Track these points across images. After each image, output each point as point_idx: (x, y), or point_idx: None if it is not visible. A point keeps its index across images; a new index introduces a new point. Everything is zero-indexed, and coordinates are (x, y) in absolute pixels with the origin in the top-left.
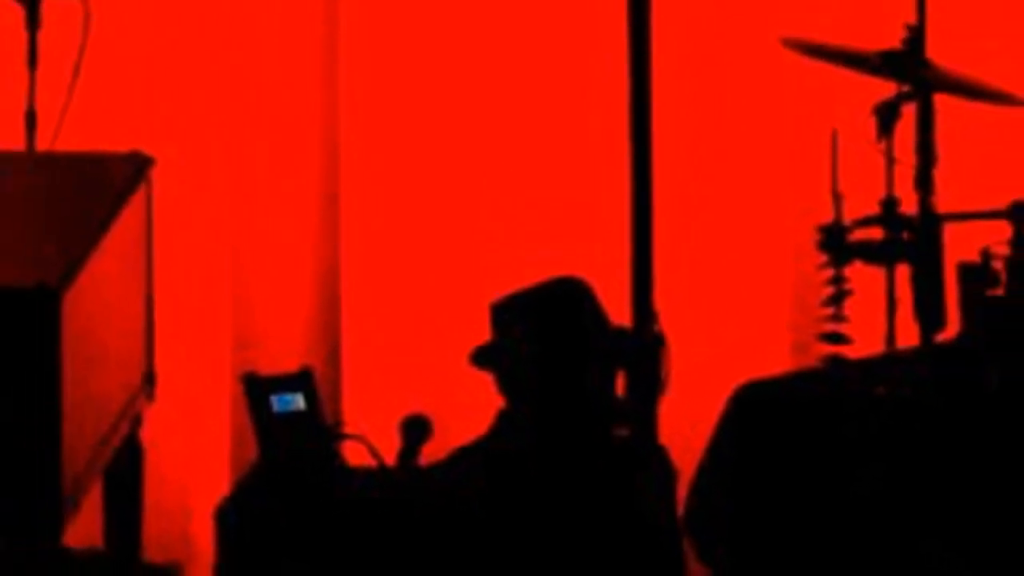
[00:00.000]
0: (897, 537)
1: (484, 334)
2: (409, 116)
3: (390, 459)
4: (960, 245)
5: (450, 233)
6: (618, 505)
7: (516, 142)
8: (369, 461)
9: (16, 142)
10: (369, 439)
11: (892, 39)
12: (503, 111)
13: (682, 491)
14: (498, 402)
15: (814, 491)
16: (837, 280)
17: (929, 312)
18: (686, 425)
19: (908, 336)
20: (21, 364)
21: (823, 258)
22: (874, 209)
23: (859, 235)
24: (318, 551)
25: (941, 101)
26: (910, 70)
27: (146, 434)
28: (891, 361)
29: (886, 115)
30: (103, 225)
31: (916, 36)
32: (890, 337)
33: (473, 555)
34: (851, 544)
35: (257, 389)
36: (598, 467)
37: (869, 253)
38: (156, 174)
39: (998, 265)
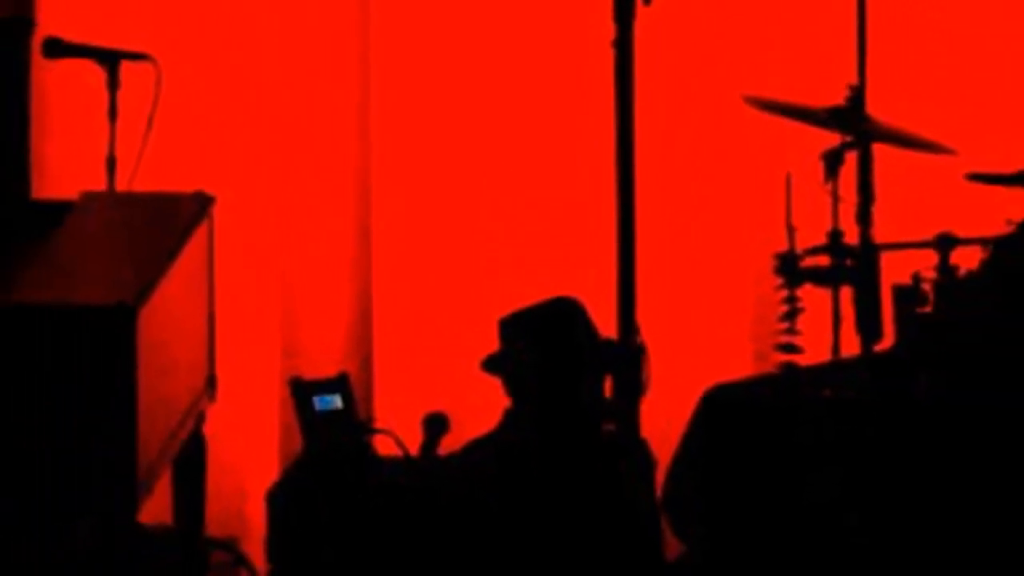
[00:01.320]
0: (833, 514)
1: (493, 345)
2: (428, 167)
3: (414, 450)
4: (894, 270)
5: (463, 261)
6: (606, 489)
7: (521, 189)
8: (396, 452)
9: (99, 183)
10: (396, 433)
11: (837, 97)
12: (510, 163)
13: (660, 477)
14: (504, 402)
15: (770, 477)
16: (791, 300)
17: (868, 327)
18: (663, 421)
19: (850, 347)
20: (104, 369)
21: (779, 281)
22: (822, 240)
23: (809, 262)
24: (353, 528)
25: (878, 149)
26: (852, 123)
27: (208, 429)
28: (836, 368)
29: (832, 161)
30: (172, 253)
31: (857, 95)
32: (835, 348)
33: (485, 531)
34: (799, 521)
35: (302, 391)
36: (589, 457)
37: (817, 277)
38: (217, 210)
39: (927, 287)
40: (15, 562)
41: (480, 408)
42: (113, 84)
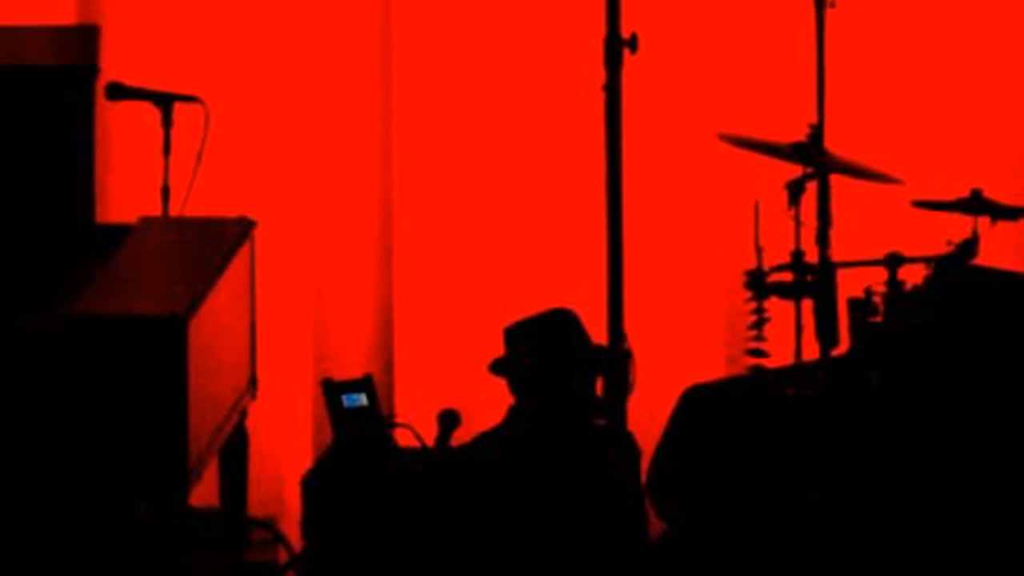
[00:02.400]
0: (791, 489)
1: (498, 350)
2: (442, 198)
3: (429, 442)
4: (849, 285)
5: (472, 278)
6: (597, 475)
7: (523, 217)
8: (414, 443)
9: (155, 209)
10: (414, 427)
11: (799, 134)
12: (514, 195)
13: (644, 465)
14: (509, 400)
15: (740, 464)
16: (758, 311)
17: (826, 334)
18: (647, 416)
19: (811, 352)
20: (159, 372)
21: (748, 294)
22: (786, 258)
23: (775, 278)
24: (377, 509)
25: (835, 179)
26: (812, 157)
27: (250, 423)
28: (798, 370)
29: (794, 190)
30: (218, 270)
31: (816, 132)
32: (797, 352)
33: (492, 513)
34: (764, 501)
35: (332, 390)
36: (583, 447)
37: (782, 291)
38: (257, 233)
39: (877, 300)
40: (87, 539)
41: (487, 405)
42: (167, 123)
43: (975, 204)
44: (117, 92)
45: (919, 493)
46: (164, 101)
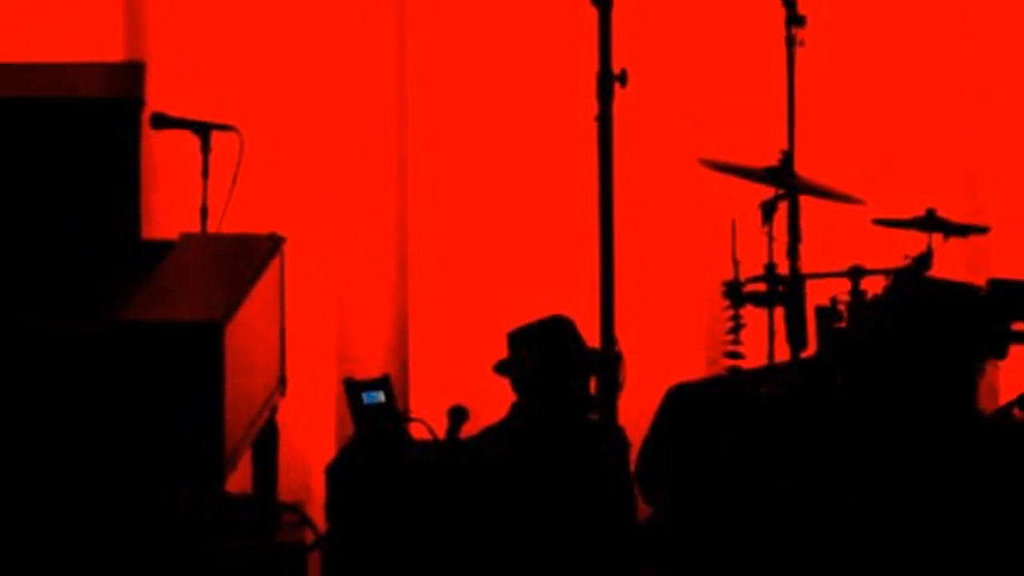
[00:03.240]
0: (764, 481)
1: (502, 352)
2: (453, 219)
3: (441, 435)
4: (817, 295)
5: (479, 289)
6: (591, 465)
7: (525, 235)
8: (427, 436)
9: (194, 226)
10: (427, 421)
11: (772, 159)
12: (515, 216)
13: (633, 456)
14: (511, 397)
15: (719, 454)
16: (735, 318)
17: (796, 339)
18: (636, 412)
19: (782, 354)
20: (197, 372)
21: (726, 303)
22: (760, 270)
23: (750, 288)
24: (393, 496)
25: (804, 200)
26: (783, 180)
27: (280, 418)
28: (770, 371)
29: (768, 209)
30: (251, 281)
31: (787, 158)
32: (770, 355)
33: (497, 499)
34: (740, 489)
35: (353, 389)
36: (578, 440)
37: (756, 300)
38: (287, 247)
39: (842, 308)
40: (132, 520)
41: (492, 402)
42: (205, 149)
43: (929, 222)
44: (160, 122)
45: (880, 494)
46: (203, 130)
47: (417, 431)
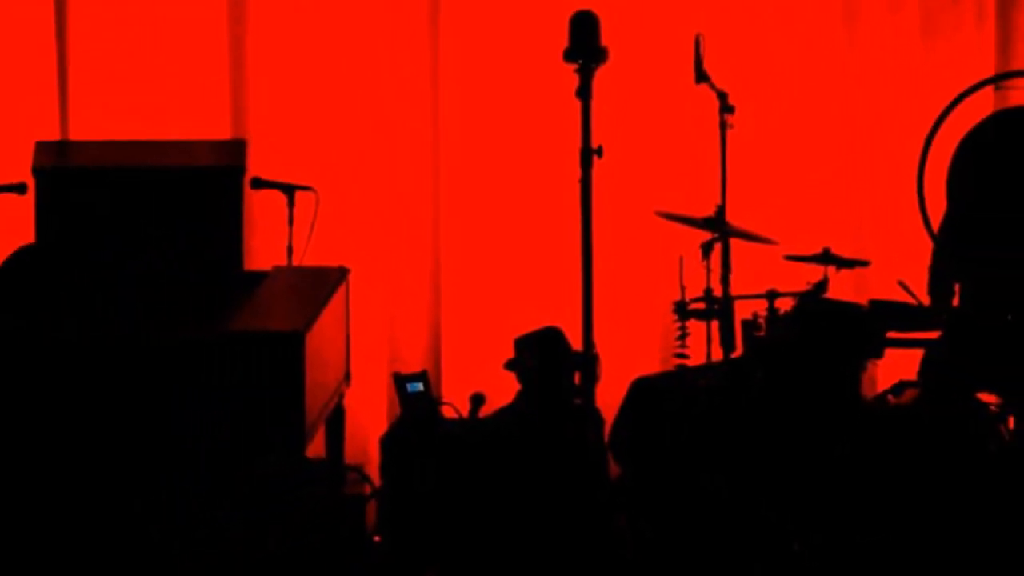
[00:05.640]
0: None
1: (510, 353)
2: (477, 250)
3: (465, 415)
4: (743, 311)
5: (492, 307)
6: (576, 437)
7: (529, 265)
8: (454, 416)
9: (282, 260)
10: (455, 405)
11: (709, 210)
12: (521, 252)
13: (607, 430)
14: (516, 387)
15: (668, 430)
16: (682, 328)
17: (727, 344)
18: (609, 397)
19: (717, 355)
20: (285, 368)
21: (675, 317)
22: (700, 293)
23: (693, 306)
24: (430, 461)
25: (734, 242)
26: (718, 226)
27: (346, 402)
28: (708, 368)
29: (706, 248)
30: (324, 301)
31: (720, 210)
32: (708, 356)
33: (507, 460)
34: (685, 456)
35: (400, 381)
36: (565, 419)
37: (698, 315)
38: (352, 277)
39: (761, 321)
40: (236, 478)
41: (503, 390)
42: (291, 203)
43: (825, 258)
44: (258, 184)
45: (782, 461)
46: (288, 190)
47: (447, 412)
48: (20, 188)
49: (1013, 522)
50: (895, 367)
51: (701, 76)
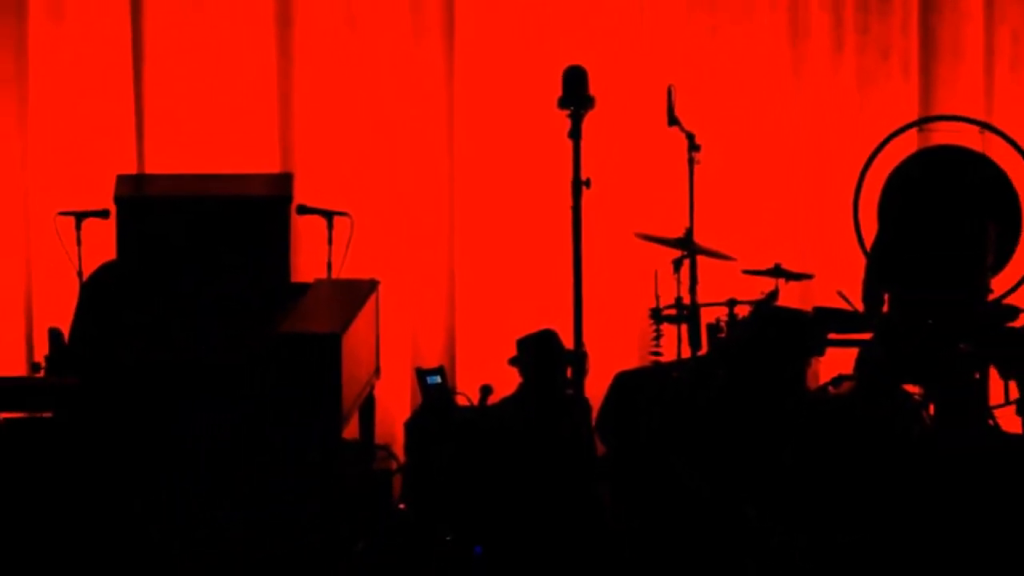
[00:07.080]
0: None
1: (513, 351)
2: (483, 270)
3: (475, 403)
4: (708, 316)
5: (498, 314)
6: (568, 421)
7: (527, 280)
8: (466, 404)
9: (322, 274)
10: (468, 395)
11: (679, 232)
12: (522, 266)
13: (594, 416)
14: (518, 380)
15: (644, 414)
16: (657, 331)
17: (694, 344)
18: (597, 388)
19: (686, 354)
20: (325, 364)
21: (651, 322)
22: (672, 301)
23: (666, 312)
24: (446, 441)
25: (701, 259)
26: (687, 245)
27: (376, 392)
28: (679, 364)
29: (677, 264)
30: (358, 307)
31: (689, 232)
32: (678, 354)
33: (511, 442)
34: (659, 436)
35: (421, 374)
36: (559, 406)
37: (670, 320)
38: (381, 288)
39: (723, 324)
40: (284, 457)
41: (507, 382)
42: (330, 226)
43: (776, 272)
44: (302, 210)
45: (737, 444)
46: (328, 215)
47: (461, 401)
48: (104, 214)
49: (932, 497)
50: (834, 363)
51: (672, 120)
